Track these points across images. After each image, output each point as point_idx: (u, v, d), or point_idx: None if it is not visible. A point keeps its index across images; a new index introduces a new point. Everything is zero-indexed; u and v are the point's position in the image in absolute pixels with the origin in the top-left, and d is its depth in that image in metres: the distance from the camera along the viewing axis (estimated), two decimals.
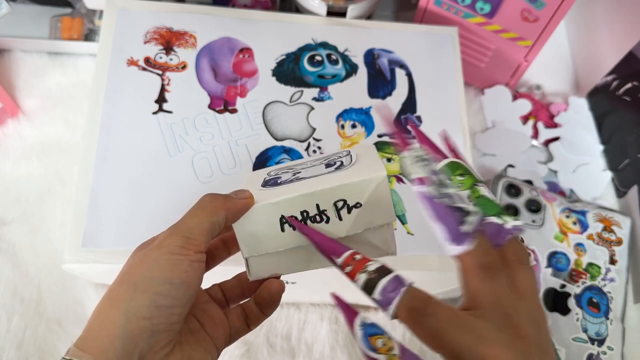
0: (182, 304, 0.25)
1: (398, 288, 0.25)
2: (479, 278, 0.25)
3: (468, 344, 0.23)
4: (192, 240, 0.26)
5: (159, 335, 0.25)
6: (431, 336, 0.24)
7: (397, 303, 0.24)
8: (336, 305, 0.27)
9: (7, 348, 0.49)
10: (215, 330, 0.29)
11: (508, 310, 0.24)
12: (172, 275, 0.25)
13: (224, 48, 0.51)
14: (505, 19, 0.58)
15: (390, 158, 0.49)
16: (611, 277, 0.56)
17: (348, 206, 0.29)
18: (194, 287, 0.26)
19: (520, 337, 0.23)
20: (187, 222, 0.27)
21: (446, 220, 0.26)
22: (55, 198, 0.56)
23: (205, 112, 0.48)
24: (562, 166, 0.64)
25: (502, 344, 0.23)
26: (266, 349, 0.52)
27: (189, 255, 0.26)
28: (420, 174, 0.28)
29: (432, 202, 0.27)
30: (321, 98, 0.51)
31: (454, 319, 0.24)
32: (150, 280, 0.25)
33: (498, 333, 0.23)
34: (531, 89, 0.70)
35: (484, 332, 0.23)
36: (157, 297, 0.25)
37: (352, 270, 0.26)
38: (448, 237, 0.26)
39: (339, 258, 0.27)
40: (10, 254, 0.53)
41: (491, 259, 0.26)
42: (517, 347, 0.23)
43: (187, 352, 0.26)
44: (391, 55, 0.54)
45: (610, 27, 0.65)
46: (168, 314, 0.25)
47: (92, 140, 0.45)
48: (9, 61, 0.62)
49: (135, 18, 0.51)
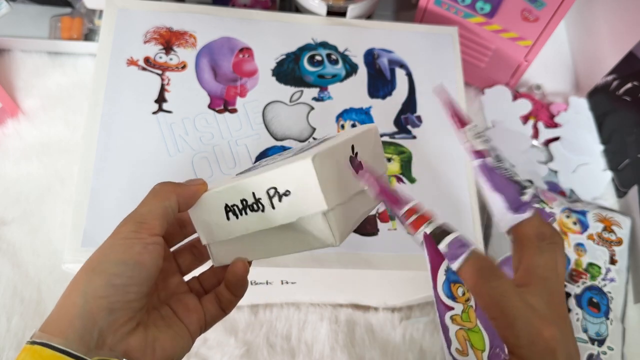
0: (137, 282, 0.27)
1: (466, 246, 0.26)
2: (535, 249, 0.26)
3: (526, 314, 0.24)
4: (145, 225, 0.28)
5: (116, 313, 0.26)
6: (493, 297, 0.24)
7: (465, 258, 0.25)
8: (425, 244, 0.27)
9: (7, 348, 0.49)
10: (189, 316, 0.31)
11: (553, 288, 0.25)
12: (125, 257, 0.27)
13: (223, 48, 0.51)
14: (505, 18, 0.58)
15: (390, 158, 0.49)
16: (611, 277, 0.56)
17: (279, 194, 0.28)
18: (149, 267, 0.27)
19: (561, 317, 0.25)
20: (140, 210, 0.29)
21: (507, 190, 0.28)
22: (55, 198, 0.56)
23: (205, 112, 0.48)
24: (562, 166, 0.64)
25: (551, 319, 0.24)
26: (266, 349, 0.52)
27: (143, 238, 0.27)
28: (480, 147, 0.29)
29: (493, 173, 0.28)
30: (321, 98, 0.51)
31: (515, 288, 0.24)
32: (105, 263, 0.27)
33: (547, 309, 0.24)
34: (531, 89, 0.70)
35: (537, 306, 0.24)
36: (112, 277, 0.26)
37: (417, 219, 0.27)
38: (509, 206, 0.28)
39: (402, 208, 0.27)
40: (10, 254, 0.53)
41: (547, 229, 0.27)
42: (561, 327, 0.24)
43: (153, 333, 0.28)
44: (391, 55, 0.54)
45: (611, 27, 0.65)
46: (124, 292, 0.26)
47: (92, 140, 0.45)
48: (9, 61, 0.62)
49: (135, 18, 0.51)
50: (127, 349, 0.26)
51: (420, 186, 0.48)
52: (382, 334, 0.54)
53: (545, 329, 0.23)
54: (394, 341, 0.53)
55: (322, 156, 0.27)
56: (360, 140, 0.33)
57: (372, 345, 0.53)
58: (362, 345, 0.53)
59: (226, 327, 0.52)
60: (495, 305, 0.24)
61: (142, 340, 0.27)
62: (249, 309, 0.53)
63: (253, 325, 0.53)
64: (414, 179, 0.48)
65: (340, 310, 0.54)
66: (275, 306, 0.54)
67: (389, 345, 0.53)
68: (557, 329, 0.24)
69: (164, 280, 0.32)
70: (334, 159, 0.29)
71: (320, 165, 0.27)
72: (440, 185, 0.48)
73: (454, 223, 0.28)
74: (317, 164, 0.27)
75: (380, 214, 0.46)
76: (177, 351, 0.29)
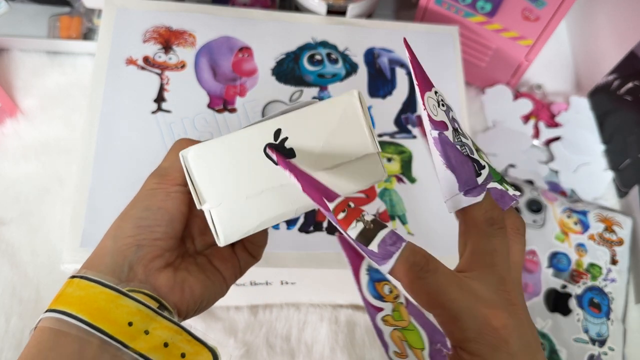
0: (163, 223, 0.28)
1: (398, 242, 0.23)
2: (483, 234, 0.25)
3: (468, 304, 0.22)
4: (167, 177, 0.30)
5: (144, 249, 0.28)
6: (430, 294, 0.23)
7: (398, 256, 0.23)
8: (341, 246, 0.25)
9: (5, 349, 0.49)
10: (224, 264, 0.32)
11: (503, 274, 0.24)
12: (149, 203, 0.29)
13: (223, 47, 0.51)
14: (506, 18, 0.58)
15: (390, 158, 0.49)
16: (612, 278, 0.56)
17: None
18: (172, 211, 0.29)
19: (513, 304, 0.23)
20: (162, 165, 0.31)
21: (462, 169, 0.25)
22: (54, 198, 0.55)
23: (205, 112, 0.48)
24: (563, 166, 0.64)
25: (500, 306, 0.23)
26: (266, 349, 0.52)
27: (165, 188, 0.29)
28: (440, 118, 0.26)
29: (450, 149, 0.25)
30: (321, 97, 0.51)
31: (454, 278, 0.23)
32: (131, 210, 0.29)
33: (495, 295, 0.23)
34: (532, 89, 0.69)
35: (482, 293, 0.23)
36: (138, 220, 0.28)
37: (346, 216, 0.24)
38: (462, 186, 0.25)
39: (331, 203, 0.24)
40: (9, 254, 0.53)
41: (497, 214, 0.25)
42: (512, 312, 0.23)
43: (182, 275, 0.29)
44: (391, 54, 0.54)
45: (612, 26, 0.64)
46: (150, 232, 0.28)
47: (90, 139, 0.45)
48: (8, 60, 0.62)
49: (134, 17, 0.50)
50: (155, 283, 0.28)
51: (421, 186, 0.48)
52: None
53: (493, 317, 0.22)
54: None
55: (199, 149, 0.28)
56: (304, 119, 0.28)
57: (372, 345, 0.53)
58: (362, 345, 0.53)
59: (226, 328, 0.52)
60: (435, 301, 0.23)
61: (170, 279, 0.28)
62: (249, 310, 0.53)
63: (253, 325, 0.53)
64: (414, 178, 0.48)
65: (340, 310, 0.54)
66: (275, 307, 0.54)
67: None
68: (508, 315, 0.22)
69: (202, 234, 0.32)
70: (223, 152, 0.28)
71: (195, 162, 0.28)
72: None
73: (453, 223, 0.28)
74: (189, 161, 0.28)
75: (380, 214, 0.46)
76: (208, 294, 0.30)
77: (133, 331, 0.25)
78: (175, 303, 0.28)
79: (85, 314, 0.25)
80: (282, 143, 0.28)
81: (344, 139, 0.28)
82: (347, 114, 0.28)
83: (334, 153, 0.28)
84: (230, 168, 0.28)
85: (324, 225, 0.45)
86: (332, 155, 0.28)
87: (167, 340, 0.26)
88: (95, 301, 0.25)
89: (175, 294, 0.28)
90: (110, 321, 0.25)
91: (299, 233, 0.44)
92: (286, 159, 0.26)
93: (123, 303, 0.26)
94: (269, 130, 0.28)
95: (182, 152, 0.28)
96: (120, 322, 0.25)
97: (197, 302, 0.29)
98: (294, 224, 0.45)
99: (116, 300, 0.25)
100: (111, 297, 0.26)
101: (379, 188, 0.47)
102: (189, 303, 0.29)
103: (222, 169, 0.28)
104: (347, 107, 0.28)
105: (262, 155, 0.27)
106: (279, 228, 0.44)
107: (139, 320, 0.25)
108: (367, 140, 0.28)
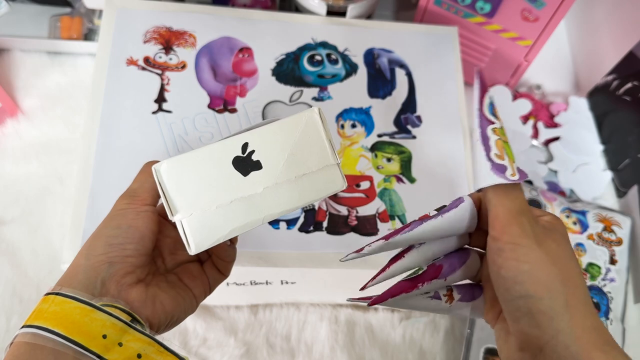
0: (134, 241, 0.29)
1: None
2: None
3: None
4: (137, 197, 0.31)
5: (116, 265, 0.29)
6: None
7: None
8: (477, 76, 0.29)
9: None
10: (193, 281, 0.33)
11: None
12: (120, 222, 0.30)
13: (223, 48, 0.51)
14: (505, 18, 0.58)
15: (390, 158, 0.49)
16: (611, 277, 0.56)
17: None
18: (143, 230, 0.30)
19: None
20: (131, 186, 0.32)
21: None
22: (55, 198, 0.55)
23: (205, 112, 0.48)
24: (562, 166, 0.64)
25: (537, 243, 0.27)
26: (266, 349, 0.52)
27: (135, 207, 0.30)
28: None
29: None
30: (321, 98, 0.51)
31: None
32: (103, 230, 0.30)
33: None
34: (531, 89, 0.69)
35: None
36: (110, 238, 0.29)
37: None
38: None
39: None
40: (9, 254, 0.53)
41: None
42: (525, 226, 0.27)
43: (153, 290, 0.30)
44: (391, 54, 0.54)
45: (611, 26, 0.65)
46: (121, 249, 0.29)
47: (91, 139, 0.45)
48: (8, 61, 0.62)
49: (134, 17, 0.51)
50: (128, 298, 0.28)
51: (420, 186, 0.48)
52: (382, 334, 0.54)
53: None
54: (394, 341, 0.53)
55: (170, 162, 0.29)
56: (270, 134, 0.30)
57: (372, 345, 0.53)
58: (362, 345, 0.53)
59: (226, 327, 0.52)
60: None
61: (142, 294, 0.29)
62: (249, 309, 0.53)
63: (253, 325, 0.53)
64: (414, 178, 0.48)
65: (340, 310, 0.54)
66: (275, 306, 0.54)
67: (388, 346, 0.53)
68: (518, 226, 0.27)
69: (172, 254, 0.34)
70: (194, 165, 0.29)
71: (167, 175, 0.29)
72: (440, 185, 0.48)
73: None
74: (161, 174, 0.29)
75: (380, 214, 0.46)
76: (179, 310, 0.31)
77: (107, 343, 0.26)
78: (148, 317, 0.29)
79: (60, 328, 0.25)
80: (250, 156, 0.30)
81: (307, 152, 0.31)
82: (308, 129, 0.31)
83: (297, 165, 0.30)
84: (201, 180, 0.29)
85: (324, 225, 0.45)
86: (295, 166, 0.30)
87: (140, 351, 0.27)
88: (70, 315, 0.26)
89: (147, 308, 0.29)
90: (84, 334, 0.25)
91: (299, 233, 0.45)
92: (257, 169, 0.30)
93: (97, 317, 0.26)
94: (237, 144, 0.30)
95: (154, 165, 0.29)
96: (95, 334, 0.26)
97: (168, 316, 0.30)
98: (294, 224, 0.45)
99: (90, 314, 0.26)
100: (85, 311, 0.26)
101: (378, 188, 0.47)
102: (160, 317, 0.30)
103: (192, 181, 0.29)
104: (308, 122, 0.31)
105: (231, 168, 0.29)
106: (278, 228, 0.45)
107: (113, 332, 0.26)
108: (328, 152, 0.31)
